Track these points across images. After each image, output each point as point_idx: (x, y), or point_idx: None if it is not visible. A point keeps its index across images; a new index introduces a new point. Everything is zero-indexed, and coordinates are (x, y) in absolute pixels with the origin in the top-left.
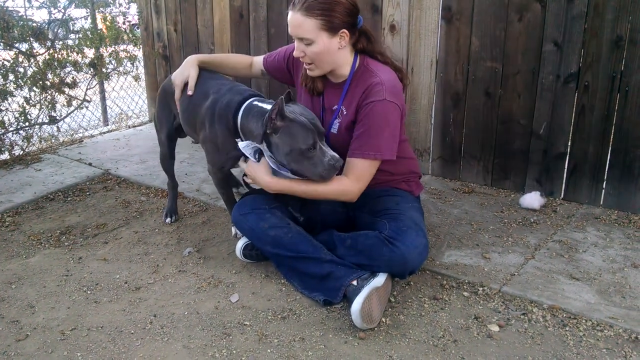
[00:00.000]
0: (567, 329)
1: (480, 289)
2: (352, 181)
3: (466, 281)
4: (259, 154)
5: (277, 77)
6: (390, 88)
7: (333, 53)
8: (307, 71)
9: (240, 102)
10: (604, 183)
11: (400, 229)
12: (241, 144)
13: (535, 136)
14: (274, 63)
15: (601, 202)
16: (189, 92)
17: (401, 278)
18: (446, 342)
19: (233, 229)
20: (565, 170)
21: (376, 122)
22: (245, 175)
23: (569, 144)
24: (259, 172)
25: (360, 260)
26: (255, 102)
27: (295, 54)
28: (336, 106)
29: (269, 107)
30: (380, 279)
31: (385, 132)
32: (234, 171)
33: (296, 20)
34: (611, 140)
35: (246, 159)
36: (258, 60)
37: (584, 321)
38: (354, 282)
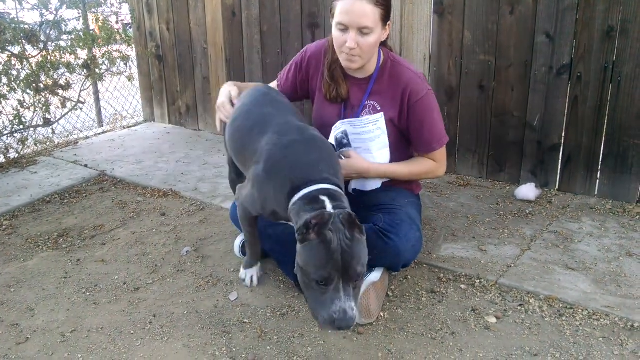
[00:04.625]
0: (564, 318)
1: (477, 281)
2: (437, 163)
3: (463, 274)
4: (343, 139)
5: (295, 98)
6: (423, 77)
7: (377, 45)
8: (348, 63)
9: (302, 184)
10: (598, 173)
11: (394, 222)
12: (335, 128)
13: (529, 128)
14: (288, 85)
15: (596, 192)
16: (234, 101)
17: (394, 271)
18: (444, 334)
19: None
20: (560, 161)
21: (431, 115)
22: None
23: (563, 135)
24: (355, 163)
25: None
26: (318, 195)
27: (349, 44)
28: (362, 101)
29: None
30: (376, 274)
31: (438, 117)
32: None
33: (361, 9)
34: (604, 130)
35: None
36: (274, 87)
37: (580, 311)
38: None
